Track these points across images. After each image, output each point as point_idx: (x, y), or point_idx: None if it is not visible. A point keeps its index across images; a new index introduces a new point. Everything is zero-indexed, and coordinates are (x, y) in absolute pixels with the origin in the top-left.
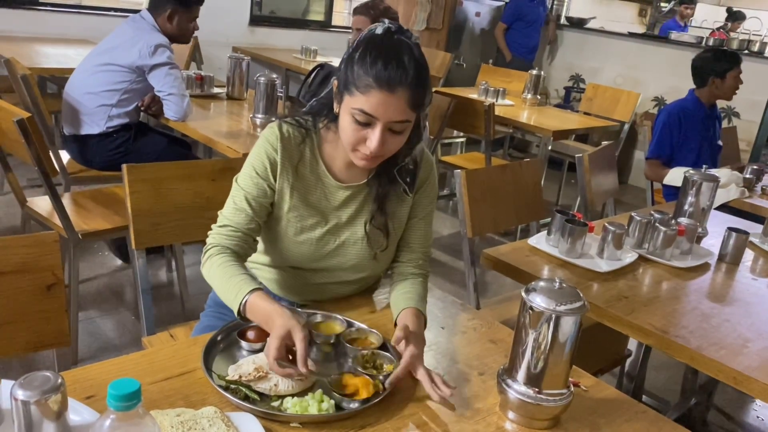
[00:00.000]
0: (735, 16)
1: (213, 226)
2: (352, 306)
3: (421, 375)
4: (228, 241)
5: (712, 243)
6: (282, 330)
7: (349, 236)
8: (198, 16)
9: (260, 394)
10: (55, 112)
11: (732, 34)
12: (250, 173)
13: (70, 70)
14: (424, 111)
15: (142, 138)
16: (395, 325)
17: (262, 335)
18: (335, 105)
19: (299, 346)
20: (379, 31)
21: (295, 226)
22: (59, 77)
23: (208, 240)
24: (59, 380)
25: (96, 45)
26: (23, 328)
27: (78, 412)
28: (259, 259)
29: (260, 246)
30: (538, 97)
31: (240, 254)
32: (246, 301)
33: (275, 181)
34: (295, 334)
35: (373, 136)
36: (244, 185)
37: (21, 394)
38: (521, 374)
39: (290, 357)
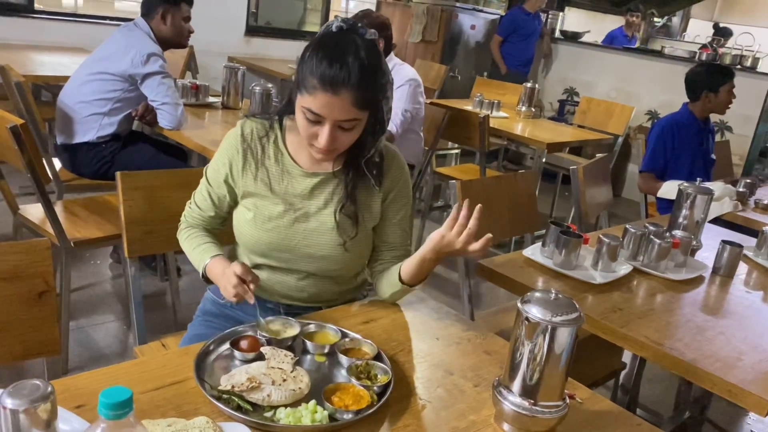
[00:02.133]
0: (722, 32)
1: (188, 203)
2: (346, 316)
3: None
4: (195, 221)
5: (706, 256)
6: (228, 272)
7: (318, 225)
8: (190, 16)
9: (253, 405)
10: (49, 119)
11: (724, 50)
12: (213, 167)
13: (65, 78)
14: (387, 105)
15: (130, 147)
16: (399, 279)
17: (255, 345)
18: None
19: (239, 270)
20: (333, 28)
21: (263, 215)
22: (54, 85)
23: (184, 213)
24: (49, 389)
25: (91, 53)
26: (13, 336)
27: (67, 422)
28: (239, 260)
29: (240, 250)
30: (533, 109)
31: (208, 230)
32: (206, 266)
33: (235, 180)
34: (236, 269)
35: (323, 134)
36: (209, 177)
37: (9, 403)
38: (517, 386)
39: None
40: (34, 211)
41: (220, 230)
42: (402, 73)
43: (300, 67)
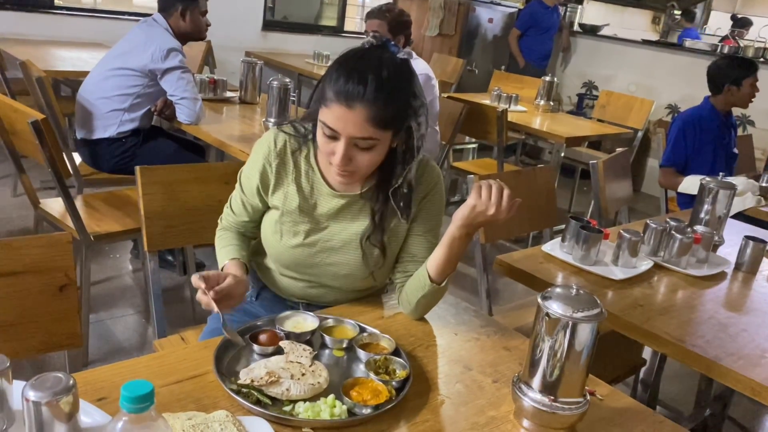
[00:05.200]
0: (741, 23)
1: (226, 205)
2: (365, 310)
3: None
4: (230, 225)
5: (729, 251)
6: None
7: (342, 246)
8: (207, 10)
9: (272, 399)
10: (69, 114)
11: (747, 42)
12: (246, 175)
13: (85, 73)
14: (419, 131)
15: (151, 142)
16: (428, 276)
17: (274, 339)
18: None
19: (226, 281)
20: (365, 44)
21: (289, 231)
22: (73, 80)
23: (221, 216)
24: (71, 381)
25: (110, 48)
26: (35, 329)
27: (89, 414)
28: (263, 263)
29: (262, 248)
30: (551, 103)
31: (241, 232)
32: (224, 267)
33: (266, 190)
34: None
35: (338, 150)
36: (243, 185)
37: (32, 395)
38: (536, 382)
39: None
40: (54, 205)
41: (254, 233)
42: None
43: (322, 84)
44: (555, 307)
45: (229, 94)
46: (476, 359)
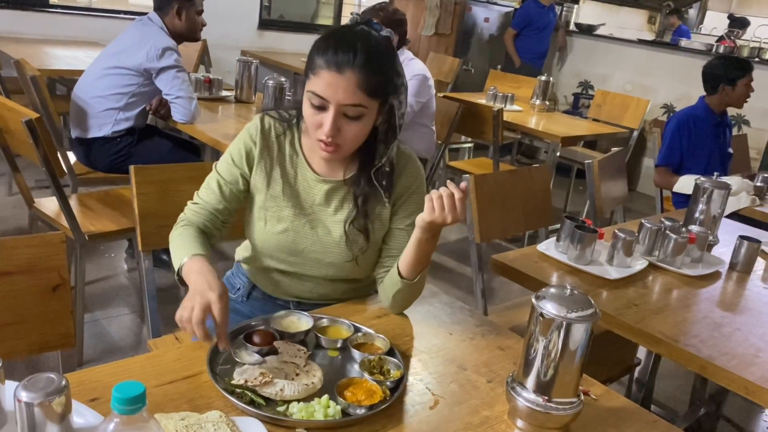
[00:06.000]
0: (739, 23)
1: (189, 201)
2: (359, 310)
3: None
4: (195, 217)
5: (723, 251)
6: (202, 299)
7: (325, 233)
8: (203, 9)
9: (266, 399)
10: (64, 113)
11: (742, 42)
12: (227, 159)
13: (80, 72)
14: (400, 110)
15: (146, 141)
16: (399, 273)
17: (269, 339)
18: None
19: (218, 317)
20: (348, 22)
21: (273, 217)
22: (68, 79)
23: (181, 215)
24: (63, 382)
25: (105, 47)
26: (28, 329)
27: (82, 415)
28: (250, 259)
29: (249, 245)
30: (547, 103)
31: (205, 231)
32: (184, 264)
33: (250, 171)
34: (213, 306)
35: (327, 119)
36: (220, 170)
37: (24, 396)
38: (531, 382)
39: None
40: (49, 205)
41: (219, 232)
42: (410, 67)
43: (309, 56)
44: (549, 308)
45: (224, 93)
46: (471, 359)
